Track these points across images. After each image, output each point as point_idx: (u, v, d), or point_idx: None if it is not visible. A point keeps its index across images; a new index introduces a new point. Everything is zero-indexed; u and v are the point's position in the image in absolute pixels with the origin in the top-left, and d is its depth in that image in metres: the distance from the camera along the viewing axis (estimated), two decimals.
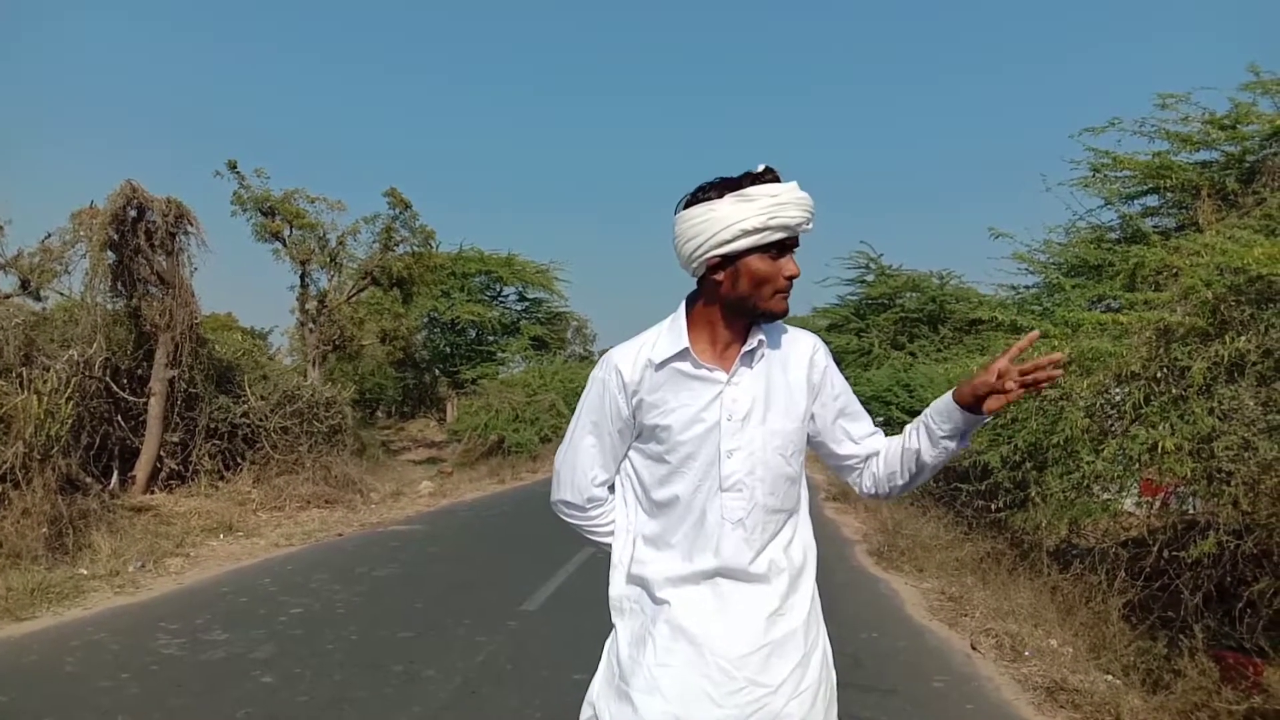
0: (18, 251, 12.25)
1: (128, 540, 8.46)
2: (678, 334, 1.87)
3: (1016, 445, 7.30)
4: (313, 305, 20.56)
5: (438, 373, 33.68)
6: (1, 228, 12.17)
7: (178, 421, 11.85)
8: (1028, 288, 11.22)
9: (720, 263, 1.81)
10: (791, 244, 1.81)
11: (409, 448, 28.24)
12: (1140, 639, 5.24)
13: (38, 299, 12.37)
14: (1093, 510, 6.47)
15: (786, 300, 1.84)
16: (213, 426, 12.38)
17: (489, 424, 23.35)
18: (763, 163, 1.82)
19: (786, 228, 1.77)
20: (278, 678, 4.90)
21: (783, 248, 1.80)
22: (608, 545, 2.00)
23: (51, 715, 4.27)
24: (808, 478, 2.02)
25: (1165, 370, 5.83)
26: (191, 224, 11.71)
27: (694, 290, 1.92)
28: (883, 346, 27.03)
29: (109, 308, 11.24)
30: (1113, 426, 6.32)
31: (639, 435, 1.93)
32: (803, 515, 1.94)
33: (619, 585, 1.94)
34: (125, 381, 11.40)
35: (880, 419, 19.34)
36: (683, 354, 1.85)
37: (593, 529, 2.02)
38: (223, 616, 6.29)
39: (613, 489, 2.01)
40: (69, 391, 9.02)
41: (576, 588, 7.42)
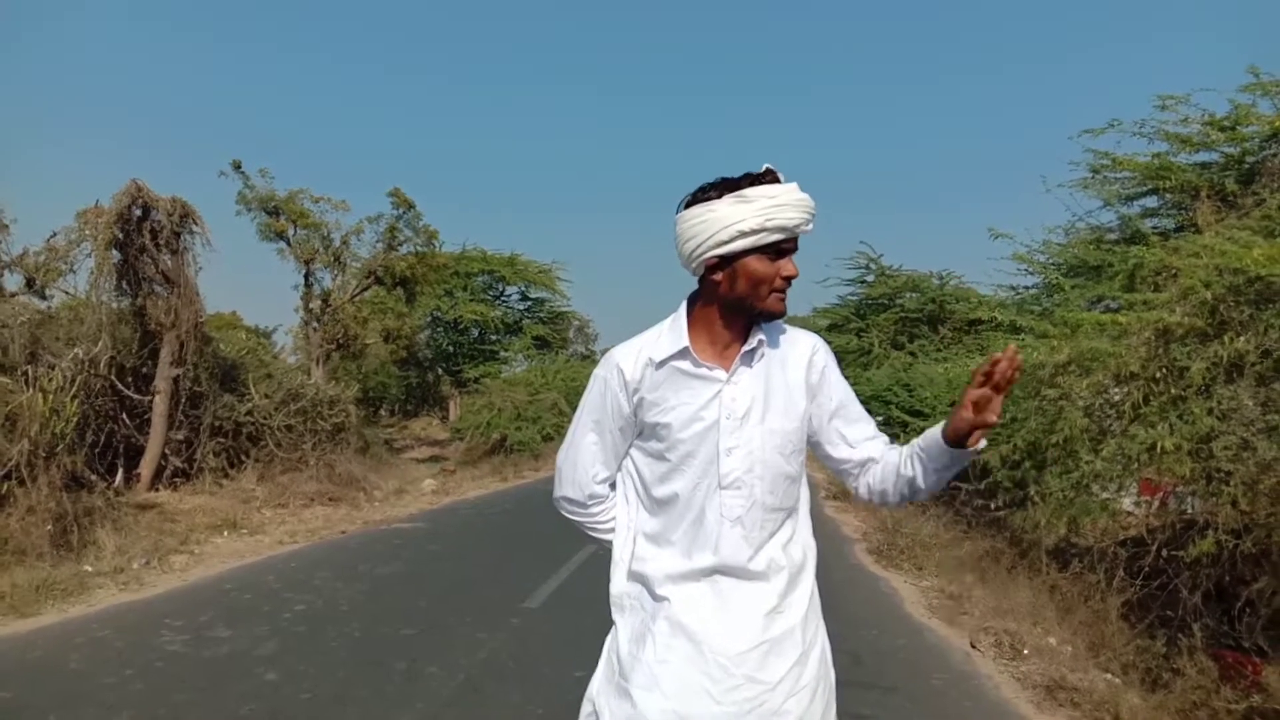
0: (23, 250, 12.29)
1: (132, 537, 8.49)
2: (678, 333, 1.88)
3: (1016, 444, 7.32)
4: (317, 304, 20.60)
5: (441, 371, 33.67)
6: (7, 227, 12.22)
7: (182, 419, 11.89)
8: (1027, 288, 11.25)
9: (718, 263, 1.83)
10: (790, 245, 1.83)
11: (412, 446, 28.24)
12: (1139, 638, 5.26)
13: (43, 298, 12.40)
14: (1092, 509, 6.48)
15: (784, 300, 1.85)
16: (217, 424, 12.42)
17: (491, 422, 23.36)
18: (765, 163, 1.84)
19: (784, 229, 1.79)
20: (281, 675, 4.93)
21: (781, 248, 1.81)
22: (609, 542, 2.02)
23: (56, 711, 4.30)
24: (808, 476, 2.04)
25: (1164, 370, 5.85)
26: (196, 223, 11.74)
27: (695, 290, 1.93)
28: (883, 346, 26.96)
29: (114, 306, 11.27)
30: (1112, 426, 6.33)
31: (640, 433, 1.95)
32: (802, 514, 1.96)
33: (620, 582, 1.96)
34: (130, 380, 11.43)
35: (880, 418, 19.31)
36: (683, 353, 1.87)
37: (594, 526, 2.05)
38: (226, 613, 6.32)
39: (614, 486, 2.03)
40: (74, 389, 9.07)
41: (578, 585, 7.44)
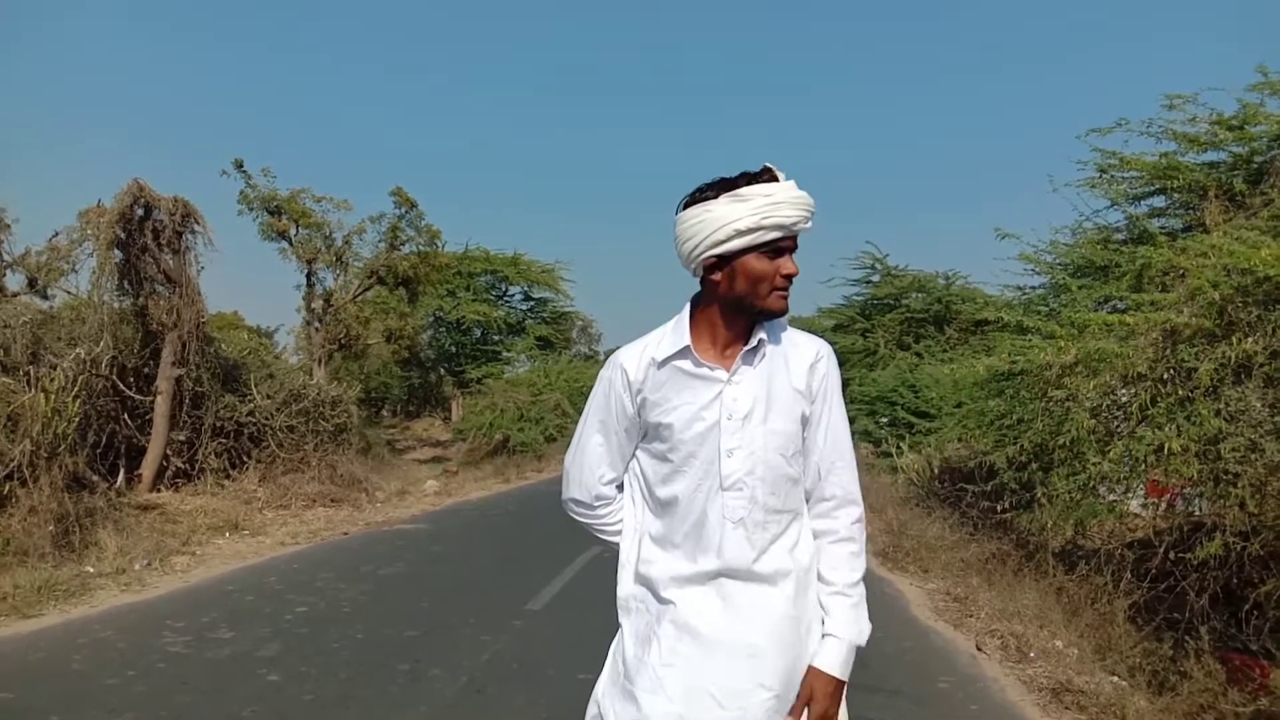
0: (25, 250, 12.32)
1: (134, 538, 8.48)
2: (680, 333, 1.88)
3: (1022, 446, 7.29)
4: (319, 304, 20.61)
5: (443, 372, 33.70)
6: (9, 226, 12.24)
7: (184, 420, 11.88)
8: (1034, 288, 11.18)
9: (717, 263, 1.82)
10: (789, 243, 1.81)
11: (414, 447, 28.26)
12: (1146, 640, 5.23)
13: (45, 297, 12.43)
14: (1099, 511, 6.46)
15: (786, 299, 1.84)
16: (219, 425, 12.41)
17: (494, 423, 23.38)
18: (768, 162, 1.83)
19: (781, 227, 1.77)
20: (284, 676, 4.91)
21: (780, 247, 1.80)
22: (616, 544, 2.01)
23: (58, 713, 4.29)
24: None
25: (1172, 371, 5.82)
26: (198, 223, 11.73)
27: (698, 291, 1.93)
28: (888, 347, 26.96)
29: (116, 306, 11.27)
30: (1119, 428, 6.31)
31: (644, 435, 1.94)
32: (807, 517, 1.94)
33: (626, 584, 1.95)
34: (132, 380, 11.42)
35: (886, 419, 19.30)
36: (684, 352, 1.86)
37: (601, 528, 2.04)
38: (229, 615, 6.31)
39: (621, 488, 2.02)
40: (76, 390, 9.06)
41: (582, 587, 7.42)
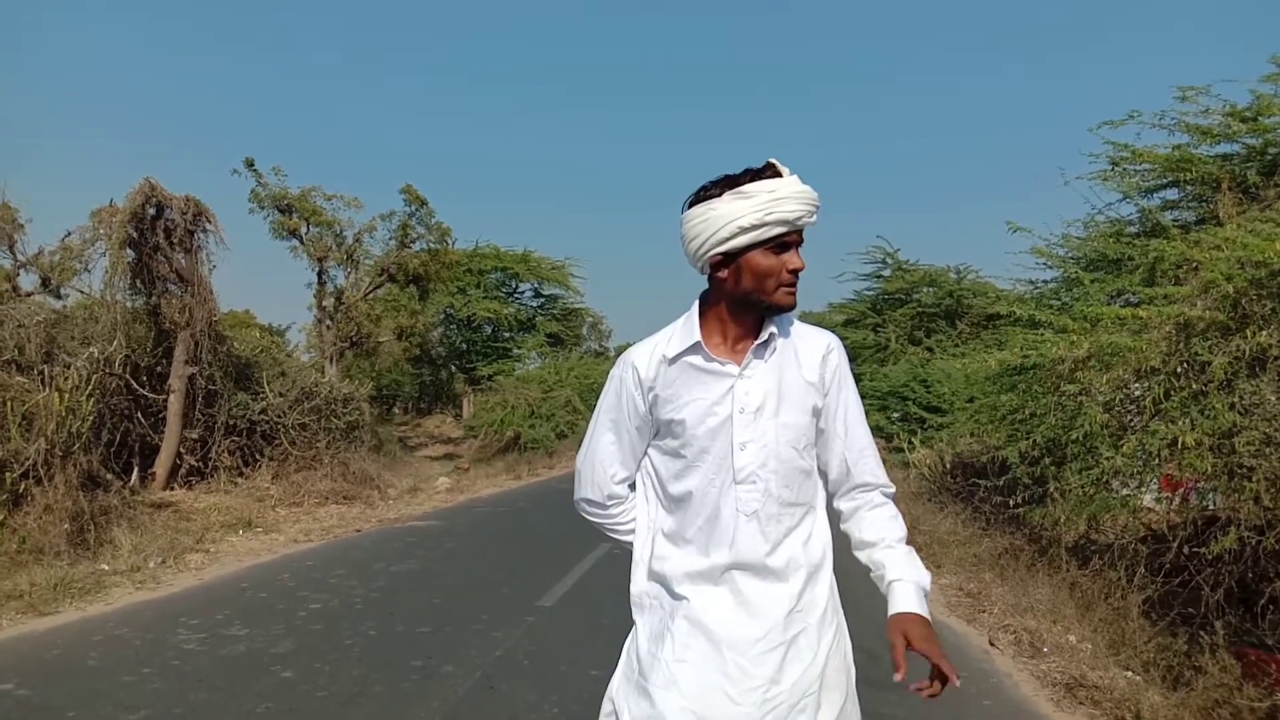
0: (39, 250, 12.40)
1: (148, 536, 8.53)
2: (690, 329, 1.88)
3: (1035, 441, 7.26)
4: (330, 302, 20.68)
5: (454, 369, 33.77)
6: (22, 226, 12.31)
7: (197, 418, 11.93)
8: (1046, 282, 11.12)
9: (723, 260, 1.83)
10: (794, 238, 1.81)
11: (426, 444, 28.34)
12: (1160, 635, 5.21)
13: (58, 297, 12.51)
14: (1112, 506, 6.42)
15: (793, 294, 1.84)
16: (231, 423, 12.46)
17: (505, 420, 23.41)
18: (778, 159, 1.83)
19: (785, 222, 1.77)
20: (297, 673, 4.93)
21: (785, 242, 1.80)
22: (629, 543, 2.02)
23: (74, 709, 4.31)
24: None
25: (1185, 365, 5.78)
26: (210, 222, 11.77)
27: (707, 288, 1.93)
28: (900, 342, 26.91)
29: (129, 305, 11.32)
30: (1132, 422, 6.27)
31: (656, 432, 1.95)
32: (820, 510, 1.94)
33: (640, 582, 1.96)
34: (145, 379, 11.48)
35: (897, 414, 19.26)
36: (694, 348, 1.87)
37: (614, 527, 2.05)
38: (242, 612, 6.33)
39: (634, 487, 2.02)
40: (90, 389, 9.11)
41: (593, 583, 7.43)
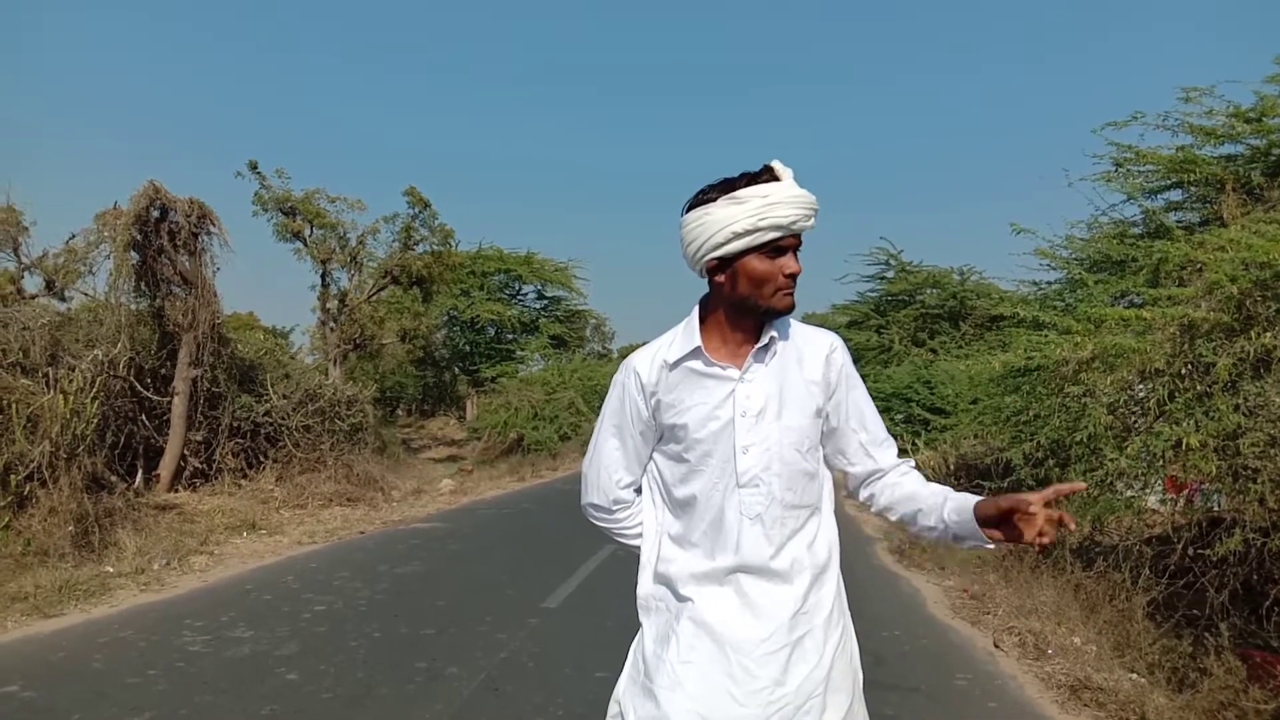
0: (43, 252, 12.44)
1: (153, 538, 8.54)
2: (691, 334, 1.89)
3: (1039, 442, 7.25)
4: (333, 304, 20.70)
5: (457, 371, 33.79)
6: (26, 229, 12.35)
7: (201, 420, 11.95)
8: (1050, 283, 11.11)
9: (719, 265, 1.83)
10: (790, 242, 1.81)
11: (429, 446, 28.36)
12: (1165, 637, 5.20)
13: (63, 299, 12.56)
14: (1116, 507, 6.41)
15: (791, 297, 1.84)
16: (235, 425, 12.48)
17: (509, 422, 23.43)
18: (780, 160, 1.83)
19: (779, 227, 1.77)
20: (302, 675, 4.93)
21: (781, 246, 1.80)
22: (635, 547, 2.02)
23: (80, 711, 4.32)
24: (832, 476, 2.02)
25: (1189, 366, 5.77)
26: (214, 224, 11.79)
27: (707, 292, 1.93)
28: (903, 343, 26.87)
29: (133, 308, 11.35)
30: (1136, 423, 6.27)
31: (660, 437, 1.95)
32: (826, 512, 1.94)
33: (646, 584, 1.96)
34: (149, 381, 11.50)
35: (901, 416, 19.24)
36: (695, 353, 1.87)
37: (621, 531, 2.05)
38: (247, 614, 6.34)
39: (639, 491, 2.03)
40: (94, 391, 9.12)
41: (597, 585, 7.43)
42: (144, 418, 11.41)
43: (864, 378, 2.01)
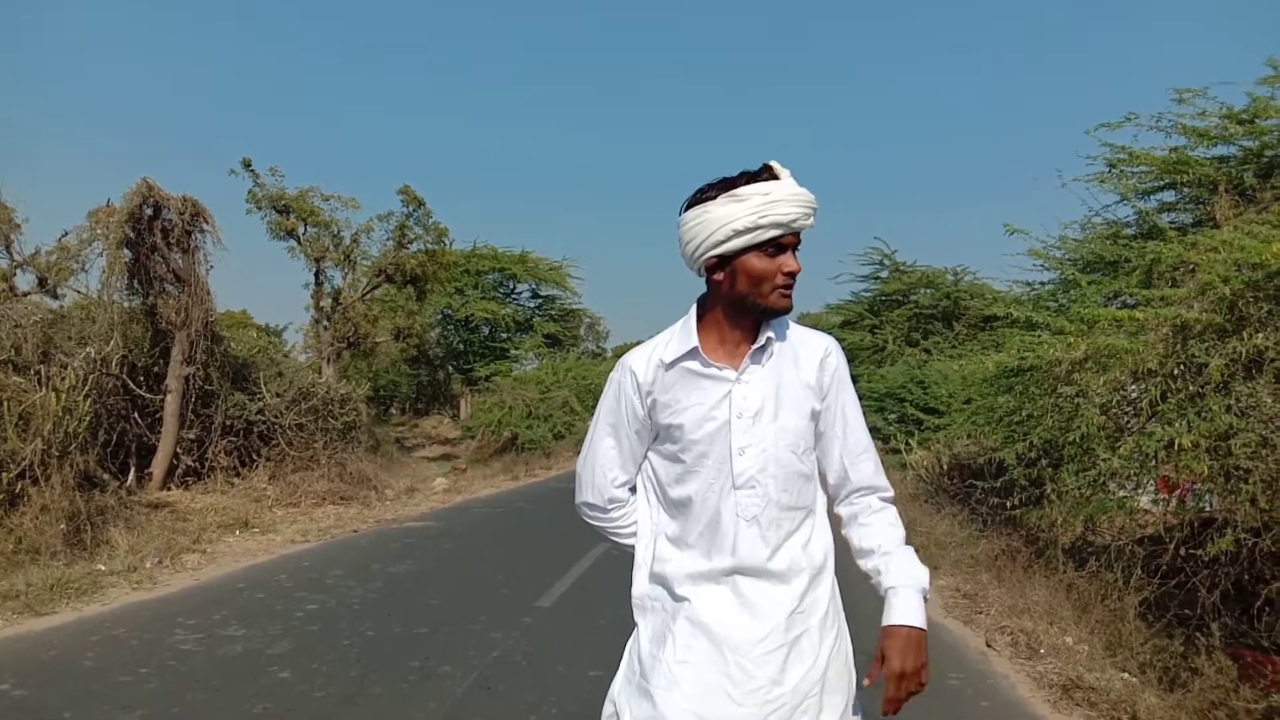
0: (35, 249, 12.36)
1: (145, 536, 8.52)
2: (688, 334, 1.88)
3: (1032, 442, 7.26)
4: (327, 302, 20.66)
5: (451, 370, 33.77)
6: (19, 226, 12.28)
7: (194, 418, 11.92)
8: (1043, 284, 11.12)
9: (718, 263, 1.83)
10: (790, 240, 1.81)
11: (423, 444, 28.30)
12: (1157, 637, 5.21)
13: (55, 297, 12.47)
14: (1109, 507, 6.42)
15: (789, 296, 1.84)
16: (228, 423, 12.45)
17: (502, 421, 23.40)
18: (777, 159, 1.83)
19: (779, 225, 1.77)
20: (295, 673, 4.93)
21: (780, 244, 1.80)
22: (630, 546, 2.02)
23: (71, 710, 4.31)
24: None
25: (1182, 367, 5.79)
26: (207, 222, 11.77)
27: (704, 292, 1.93)
28: (897, 343, 26.93)
29: (125, 305, 11.32)
30: (1129, 423, 6.28)
31: (656, 437, 1.95)
32: (820, 514, 1.94)
33: (642, 584, 1.96)
34: (142, 379, 11.47)
35: (894, 416, 19.26)
36: (691, 353, 1.87)
37: (615, 530, 2.05)
38: (240, 612, 6.33)
39: (634, 490, 2.03)
40: (87, 389, 9.09)
41: (591, 584, 7.43)
42: (136, 415, 11.38)
43: (858, 377, 2.02)
